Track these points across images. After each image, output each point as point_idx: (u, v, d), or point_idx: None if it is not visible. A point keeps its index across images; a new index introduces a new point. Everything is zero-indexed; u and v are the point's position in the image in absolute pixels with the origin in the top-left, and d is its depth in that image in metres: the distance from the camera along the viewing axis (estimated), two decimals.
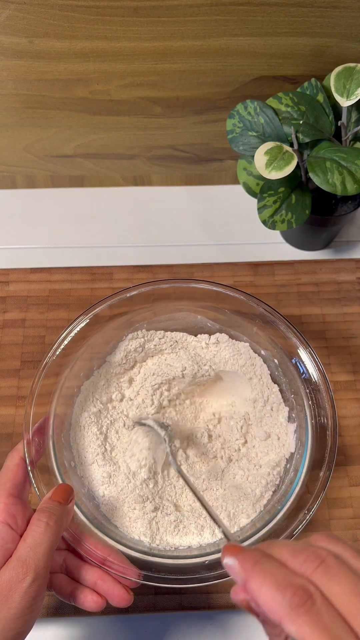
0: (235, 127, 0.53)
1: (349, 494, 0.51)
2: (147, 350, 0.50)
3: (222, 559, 0.28)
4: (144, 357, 0.51)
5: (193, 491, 0.38)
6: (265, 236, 0.65)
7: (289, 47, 0.53)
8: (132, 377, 0.51)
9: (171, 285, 0.48)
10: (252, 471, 0.46)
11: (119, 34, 0.51)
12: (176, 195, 0.69)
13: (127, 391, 0.50)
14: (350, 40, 0.53)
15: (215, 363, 0.50)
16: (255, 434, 0.48)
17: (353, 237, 0.66)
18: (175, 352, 0.51)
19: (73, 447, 0.45)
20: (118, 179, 0.69)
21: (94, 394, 0.48)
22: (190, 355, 0.50)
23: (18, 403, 0.54)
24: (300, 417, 0.45)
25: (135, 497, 0.43)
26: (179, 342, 0.51)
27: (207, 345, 0.51)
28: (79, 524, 0.40)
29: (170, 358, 0.50)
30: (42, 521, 0.35)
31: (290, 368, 0.46)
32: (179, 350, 0.51)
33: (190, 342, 0.51)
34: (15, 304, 0.60)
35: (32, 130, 0.62)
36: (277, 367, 0.48)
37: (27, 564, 0.33)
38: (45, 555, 0.33)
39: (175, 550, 0.42)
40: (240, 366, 0.50)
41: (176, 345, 0.51)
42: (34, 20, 0.50)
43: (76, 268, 0.62)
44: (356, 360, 0.57)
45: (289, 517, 0.40)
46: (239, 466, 0.46)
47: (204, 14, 0.50)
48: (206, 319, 0.50)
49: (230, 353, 0.50)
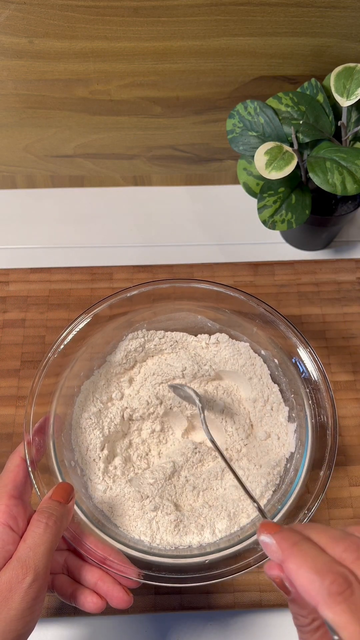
0: (235, 127, 0.53)
1: (349, 494, 0.51)
2: (147, 350, 0.50)
3: (258, 535, 0.29)
4: (144, 357, 0.51)
5: (226, 462, 0.39)
6: (265, 236, 0.65)
7: (289, 47, 0.53)
8: (132, 376, 0.51)
9: (171, 285, 0.48)
10: (252, 471, 0.46)
11: (119, 34, 0.51)
12: (176, 195, 0.69)
13: (127, 390, 0.50)
14: (350, 40, 0.53)
15: (215, 363, 0.50)
16: (255, 434, 0.48)
17: (353, 237, 0.66)
18: (176, 352, 0.51)
19: (74, 447, 0.45)
20: (118, 179, 0.69)
21: (94, 394, 0.48)
22: (190, 355, 0.50)
23: (18, 403, 0.54)
24: (300, 416, 0.45)
25: (135, 496, 0.43)
26: (179, 342, 0.51)
27: (207, 345, 0.51)
28: (79, 524, 0.40)
29: (171, 358, 0.51)
30: (42, 522, 0.35)
31: (290, 368, 0.46)
32: (179, 350, 0.51)
33: (191, 342, 0.51)
34: (15, 304, 0.60)
35: (32, 130, 0.62)
36: (277, 367, 0.48)
37: (27, 564, 0.32)
38: (44, 555, 0.33)
39: (176, 549, 0.42)
40: (241, 366, 0.50)
41: (176, 345, 0.51)
42: (34, 20, 0.50)
43: (76, 268, 0.62)
44: (356, 360, 0.57)
45: (289, 517, 0.40)
46: (239, 466, 0.46)
47: (204, 14, 0.50)
48: (206, 318, 0.51)
49: (230, 353, 0.50)
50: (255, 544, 0.39)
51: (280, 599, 0.47)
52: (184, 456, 0.46)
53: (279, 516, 0.40)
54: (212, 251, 0.65)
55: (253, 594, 0.47)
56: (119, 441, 0.48)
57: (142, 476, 0.46)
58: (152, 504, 0.43)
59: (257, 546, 0.39)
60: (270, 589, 0.47)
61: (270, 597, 0.47)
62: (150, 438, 0.49)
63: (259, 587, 0.47)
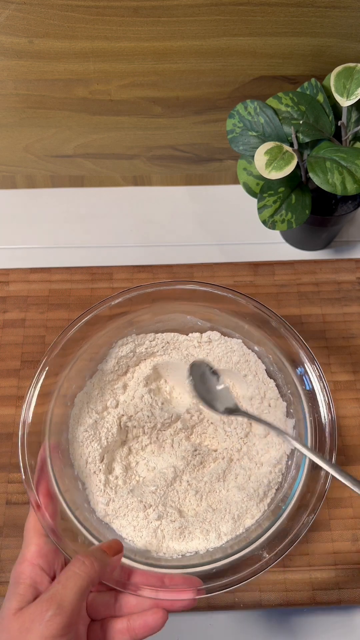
0: (235, 127, 0.53)
1: (349, 494, 0.51)
2: (138, 355, 0.50)
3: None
4: (136, 361, 0.50)
5: (249, 416, 0.41)
6: (265, 236, 0.65)
7: (289, 47, 0.53)
8: (125, 382, 0.50)
9: (156, 289, 0.47)
10: (253, 470, 0.45)
11: (119, 34, 0.51)
12: (176, 195, 0.69)
13: (122, 397, 0.49)
14: (350, 40, 0.53)
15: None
16: (254, 432, 0.48)
17: (353, 237, 0.66)
18: (168, 353, 0.50)
19: (73, 461, 0.44)
20: (118, 179, 0.69)
21: (88, 405, 0.47)
22: (183, 355, 0.50)
23: (18, 403, 0.54)
24: (298, 411, 0.45)
25: (138, 506, 0.43)
26: (170, 343, 0.51)
27: (200, 344, 0.51)
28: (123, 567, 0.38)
29: (163, 360, 0.50)
30: (79, 559, 0.33)
31: (284, 363, 0.46)
32: (171, 351, 0.51)
33: (182, 341, 0.51)
34: (15, 304, 0.60)
35: (32, 130, 0.62)
36: (272, 363, 0.48)
37: (53, 598, 0.31)
38: (73, 591, 0.32)
39: (183, 558, 0.41)
40: (235, 363, 0.49)
41: (168, 347, 0.51)
42: (34, 20, 0.50)
43: (76, 268, 0.62)
44: (356, 360, 0.57)
45: (291, 519, 0.40)
46: (240, 466, 0.46)
47: (204, 14, 0.50)
48: (195, 318, 0.50)
49: (223, 350, 0.50)
50: (259, 549, 0.39)
51: (281, 599, 0.47)
52: (185, 460, 0.46)
53: (283, 517, 0.40)
54: (212, 251, 0.65)
55: (253, 593, 0.47)
56: (118, 449, 0.47)
57: (143, 484, 0.45)
58: (155, 513, 0.43)
59: (262, 552, 0.38)
60: (270, 589, 0.47)
61: (270, 597, 0.47)
62: (149, 443, 0.48)
63: (259, 587, 0.47)
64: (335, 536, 0.49)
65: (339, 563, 0.48)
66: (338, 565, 0.48)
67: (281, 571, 0.48)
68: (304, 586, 0.47)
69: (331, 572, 0.48)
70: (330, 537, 0.49)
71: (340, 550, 0.48)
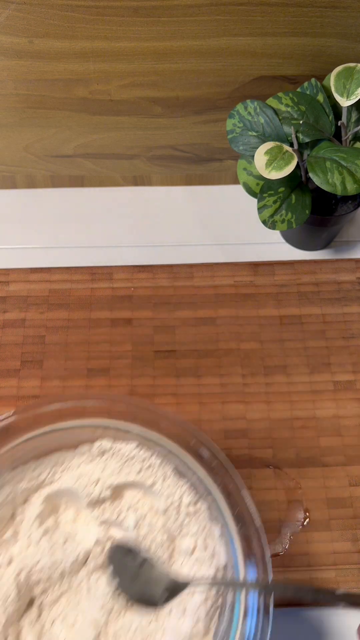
0: (235, 127, 0.53)
1: (349, 494, 0.51)
2: (21, 492, 0.42)
3: None
4: (21, 500, 0.42)
5: None
6: (265, 236, 0.65)
7: (289, 47, 0.53)
8: (16, 529, 0.41)
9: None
10: (186, 600, 0.38)
11: (119, 34, 0.51)
12: (176, 195, 0.69)
13: (15, 548, 0.40)
14: (350, 40, 0.53)
15: (107, 478, 0.42)
16: (178, 549, 0.40)
17: (353, 237, 0.66)
18: (58, 478, 0.42)
19: None
20: (118, 179, 0.69)
21: None
22: (76, 475, 0.42)
23: (18, 403, 0.54)
24: (221, 509, 0.39)
25: None
26: (58, 464, 0.43)
27: (92, 459, 0.43)
28: None
29: (54, 488, 0.42)
30: None
31: (187, 454, 0.40)
32: (61, 475, 0.42)
33: (72, 459, 0.43)
34: (15, 304, 0.60)
35: (32, 130, 0.62)
36: (180, 460, 0.41)
37: None
38: None
39: None
40: (136, 473, 0.42)
41: (56, 470, 0.43)
42: (34, 20, 0.50)
43: (76, 268, 0.62)
44: (356, 360, 0.57)
45: None
46: (170, 608, 0.38)
47: (204, 14, 0.50)
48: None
49: (120, 461, 0.42)
50: None
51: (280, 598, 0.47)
52: (104, 608, 0.38)
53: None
54: (212, 251, 0.65)
55: None
56: (24, 615, 0.38)
57: None
58: None
59: None
60: None
61: None
62: (62, 593, 0.39)
63: None
64: (335, 536, 0.49)
65: (339, 563, 0.48)
66: (338, 565, 0.48)
67: (281, 571, 0.48)
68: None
69: (331, 572, 0.48)
70: (330, 537, 0.49)
71: (340, 550, 0.48)
